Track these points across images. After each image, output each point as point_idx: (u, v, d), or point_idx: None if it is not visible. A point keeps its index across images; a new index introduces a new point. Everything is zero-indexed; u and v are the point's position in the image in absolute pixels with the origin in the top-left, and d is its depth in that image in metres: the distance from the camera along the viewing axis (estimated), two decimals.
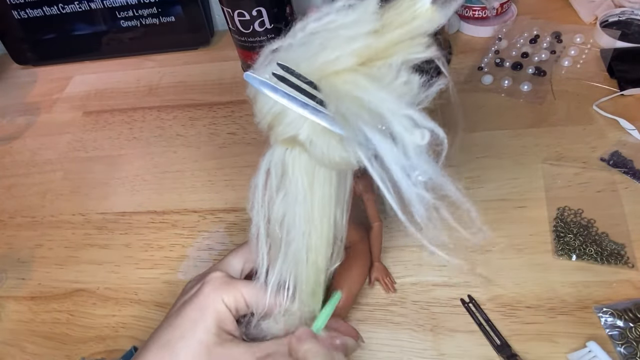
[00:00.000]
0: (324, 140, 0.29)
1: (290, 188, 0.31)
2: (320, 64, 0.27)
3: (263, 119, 0.30)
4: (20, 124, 0.75)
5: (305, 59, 0.28)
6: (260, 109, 0.30)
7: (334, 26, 0.27)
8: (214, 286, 0.34)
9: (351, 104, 0.26)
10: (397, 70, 0.27)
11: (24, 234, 0.59)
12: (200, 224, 0.56)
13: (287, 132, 0.29)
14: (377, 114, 0.25)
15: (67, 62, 0.85)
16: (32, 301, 0.52)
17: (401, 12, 0.27)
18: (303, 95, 0.28)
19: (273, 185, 0.32)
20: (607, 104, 0.57)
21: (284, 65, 0.28)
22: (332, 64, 0.27)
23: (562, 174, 0.51)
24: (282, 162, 0.31)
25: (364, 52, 0.27)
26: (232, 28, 0.67)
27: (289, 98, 0.28)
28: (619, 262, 0.44)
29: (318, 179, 0.31)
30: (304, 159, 0.30)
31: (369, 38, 0.26)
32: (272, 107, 0.29)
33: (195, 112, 0.70)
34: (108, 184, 0.63)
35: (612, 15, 0.67)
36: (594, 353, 0.38)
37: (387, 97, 0.25)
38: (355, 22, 0.27)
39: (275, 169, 0.31)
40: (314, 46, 0.27)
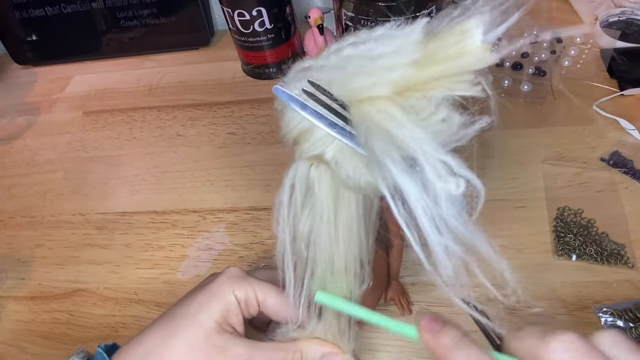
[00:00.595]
0: (350, 162, 0.28)
1: (315, 205, 0.30)
2: (353, 88, 0.26)
3: (289, 134, 0.29)
4: (20, 124, 0.75)
5: (338, 80, 0.26)
6: (287, 124, 0.29)
7: (372, 54, 0.25)
8: (228, 276, 0.34)
9: (381, 137, 0.24)
10: (437, 105, 0.25)
11: (24, 234, 0.59)
12: (200, 224, 0.56)
13: (313, 150, 0.28)
14: (408, 153, 0.23)
15: (67, 62, 0.85)
16: (32, 301, 0.52)
17: (448, 45, 0.24)
18: (332, 114, 0.27)
19: (298, 201, 0.31)
20: (607, 104, 0.57)
21: (315, 83, 0.27)
22: (367, 89, 0.25)
23: (562, 174, 0.51)
24: (307, 177, 0.30)
25: (401, 83, 0.25)
26: (232, 28, 0.67)
27: (317, 116, 0.27)
28: (619, 262, 0.44)
29: (343, 199, 0.30)
30: (329, 177, 0.29)
31: (409, 69, 0.24)
32: (300, 123, 0.28)
33: (195, 112, 0.70)
34: (108, 184, 0.63)
35: (612, 15, 0.67)
36: None
37: (423, 136, 0.23)
38: (395, 52, 0.25)
39: (300, 185, 0.30)
40: (349, 70, 0.26)
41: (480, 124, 0.25)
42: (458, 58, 0.24)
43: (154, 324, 0.33)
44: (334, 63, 0.27)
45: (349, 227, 0.31)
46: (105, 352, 0.33)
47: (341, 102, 0.27)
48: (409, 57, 0.24)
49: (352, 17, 0.59)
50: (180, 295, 0.36)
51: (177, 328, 0.32)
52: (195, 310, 0.33)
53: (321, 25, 0.69)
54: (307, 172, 0.30)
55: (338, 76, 0.26)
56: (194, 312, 0.33)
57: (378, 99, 0.25)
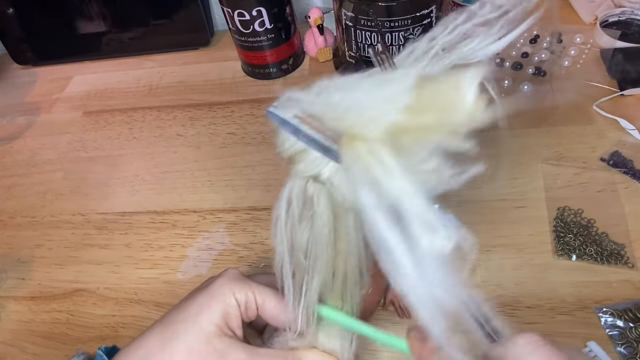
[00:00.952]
0: (346, 183, 0.27)
1: (315, 219, 0.30)
2: (345, 125, 0.25)
3: (284, 152, 0.29)
4: (20, 124, 0.75)
5: (330, 116, 0.26)
6: (282, 143, 0.28)
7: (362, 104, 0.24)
8: (228, 278, 0.34)
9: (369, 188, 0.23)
10: (429, 152, 0.24)
11: (24, 234, 0.59)
12: (200, 224, 0.56)
13: (308, 171, 0.28)
14: (394, 206, 0.22)
15: (67, 62, 0.85)
16: (32, 301, 0.52)
17: (441, 94, 0.24)
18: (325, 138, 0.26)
19: (295, 214, 0.30)
20: (607, 104, 0.57)
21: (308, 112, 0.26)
22: (359, 127, 0.24)
23: (562, 174, 0.51)
24: (304, 192, 0.30)
25: (395, 126, 0.24)
26: (232, 28, 0.67)
27: (309, 141, 0.26)
28: (619, 262, 0.44)
29: (341, 213, 0.30)
30: (327, 193, 0.29)
31: (402, 115, 0.23)
32: (295, 144, 0.28)
33: (195, 112, 0.70)
34: (108, 184, 0.63)
35: (612, 15, 0.67)
36: (594, 353, 0.38)
37: (411, 189, 0.22)
38: (387, 101, 0.24)
39: (297, 199, 0.30)
40: (340, 109, 0.25)
41: (472, 172, 0.24)
42: (450, 112, 0.23)
43: (154, 326, 0.33)
44: (324, 102, 0.26)
45: (347, 240, 0.30)
46: (106, 355, 0.33)
47: (333, 133, 0.26)
48: (401, 104, 0.23)
49: (352, 17, 0.59)
50: (181, 296, 0.36)
51: (177, 331, 0.32)
52: (195, 313, 0.32)
53: (321, 25, 0.69)
54: (304, 187, 0.29)
55: (329, 113, 0.26)
56: (194, 314, 0.32)
57: (370, 138, 0.24)
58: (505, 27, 0.25)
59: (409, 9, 0.56)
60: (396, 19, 0.56)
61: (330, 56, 0.72)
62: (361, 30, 0.59)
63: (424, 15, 0.57)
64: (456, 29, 0.27)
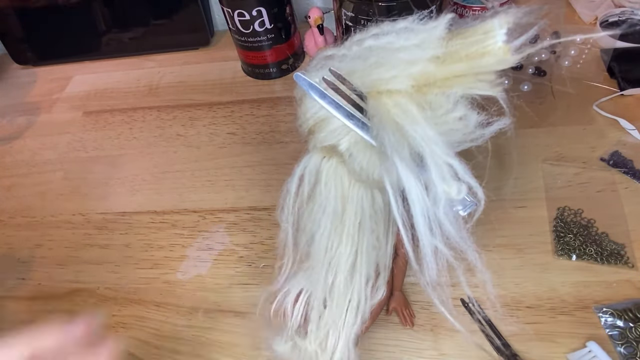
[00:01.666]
0: (364, 154, 0.27)
1: (321, 198, 0.29)
2: (373, 80, 0.25)
3: (305, 122, 0.29)
4: (20, 124, 0.75)
5: (359, 71, 0.26)
6: (304, 112, 0.29)
7: (394, 47, 0.25)
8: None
9: (393, 133, 0.24)
10: (455, 103, 0.25)
11: (24, 234, 0.59)
12: (200, 224, 0.56)
13: (328, 140, 0.28)
14: (417, 152, 0.23)
15: (67, 62, 0.85)
16: (32, 301, 0.52)
17: (470, 44, 0.24)
18: (351, 105, 0.27)
19: (305, 192, 0.30)
20: (607, 104, 0.57)
21: (336, 72, 0.27)
22: (386, 82, 0.25)
23: (562, 174, 0.51)
24: (317, 170, 0.30)
25: (421, 78, 0.24)
26: (232, 28, 0.67)
27: (335, 105, 0.27)
28: (619, 262, 0.44)
29: (352, 195, 0.29)
30: (340, 171, 0.29)
31: (430, 64, 0.24)
32: (317, 112, 0.28)
33: (195, 112, 0.70)
34: (108, 184, 0.63)
35: (612, 15, 0.67)
36: (594, 353, 0.38)
37: (434, 136, 0.23)
38: (417, 46, 0.24)
39: (309, 176, 0.30)
40: (370, 61, 0.26)
41: (498, 125, 0.25)
42: (479, 57, 0.24)
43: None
44: (356, 53, 0.27)
45: (356, 224, 0.30)
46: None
47: (360, 93, 0.27)
48: (430, 52, 0.24)
49: (352, 17, 0.59)
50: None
51: None
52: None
53: (321, 25, 0.69)
54: (318, 164, 0.29)
55: (359, 66, 0.26)
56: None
57: (396, 93, 0.25)
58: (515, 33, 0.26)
59: (409, 9, 0.56)
60: (396, 19, 0.56)
61: None
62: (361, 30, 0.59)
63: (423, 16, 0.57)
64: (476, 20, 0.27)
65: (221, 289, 0.49)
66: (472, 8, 0.70)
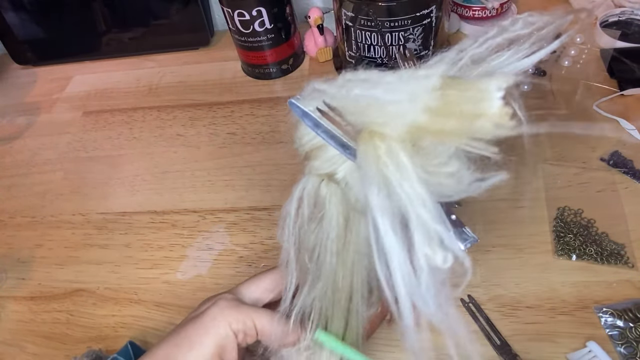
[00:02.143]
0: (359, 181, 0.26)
1: (324, 221, 0.29)
2: (365, 121, 0.24)
3: (301, 147, 0.29)
4: (20, 124, 0.75)
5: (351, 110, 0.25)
6: (300, 137, 0.28)
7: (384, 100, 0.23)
8: (221, 308, 0.32)
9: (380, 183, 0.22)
10: (449, 156, 0.23)
11: (24, 234, 0.59)
12: (200, 224, 0.56)
13: (324, 169, 0.28)
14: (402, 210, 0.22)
15: (67, 62, 0.85)
16: (32, 301, 0.52)
17: (465, 100, 0.22)
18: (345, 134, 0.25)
19: (305, 214, 0.30)
20: (607, 104, 0.57)
21: (330, 105, 0.26)
22: (379, 125, 0.23)
23: (562, 174, 0.51)
24: (316, 192, 0.29)
25: (414, 127, 0.23)
26: (232, 28, 0.67)
27: (329, 135, 0.26)
28: (619, 262, 0.44)
29: (354, 218, 0.29)
30: (340, 195, 0.28)
31: (422, 115, 0.22)
32: (313, 139, 0.27)
33: (195, 112, 0.70)
34: (108, 184, 0.63)
35: (612, 15, 0.67)
36: (593, 353, 0.38)
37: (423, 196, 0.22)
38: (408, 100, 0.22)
39: (308, 199, 0.29)
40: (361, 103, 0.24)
41: (494, 180, 0.23)
42: (474, 118, 0.22)
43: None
44: (346, 95, 0.25)
45: (357, 248, 0.29)
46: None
47: (351, 129, 0.25)
48: (421, 104, 0.22)
49: (352, 17, 0.59)
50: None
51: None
52: (186, 349, 0.30)
53: (321, 25, 0.69)
54: (317, 186, 0.29)
55: (351, 107, 0.25)
56: (185, 351, 0.30)
57: (389, 138, 0.23)
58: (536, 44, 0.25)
59: (409, 9, 0.56)
60: (396, 19, 0.56)
61: (330, 56, 0.72)
62: (361, 30, 0.59)
63: (424, 15, 0.57)
64: (486, 42, 0.26)
65: (221, 289, 0.49)
66: (472, 8, 0.70)
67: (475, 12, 0.70)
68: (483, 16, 0.70)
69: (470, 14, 0.70)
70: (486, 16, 0.70)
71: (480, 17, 0.70)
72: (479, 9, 0.69)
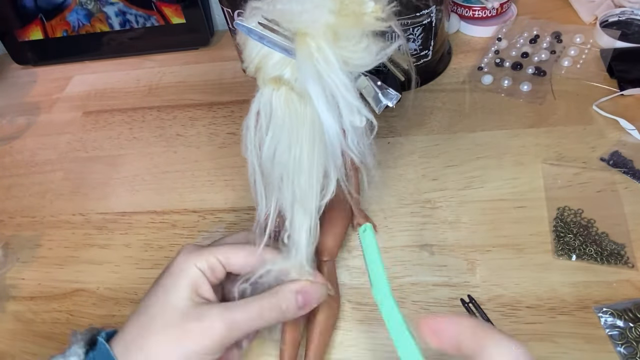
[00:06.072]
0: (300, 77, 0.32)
1: (277, 124, 0.34)
2: (296, 25, 0.31)
3: (251, 62, 0.34)
4: (20, 124, 0.75)
5: (284, 19, 0.32)
6: (249, 54, 0.34)
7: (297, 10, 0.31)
8: (184, 254, 0.35)
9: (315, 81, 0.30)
10: (360, 36, 0.32)
11: (24, 234, 0.59)
12: (200, 224, 0.56)
13: (273, 72, 0.33)
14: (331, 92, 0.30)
15: (67, 62, 0.85)
16: (32, 301, 0.52)
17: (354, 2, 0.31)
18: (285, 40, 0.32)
19: (263, 125, 0.34)
20: (607, 104, 0.57)
21: (267, 19, 0.32)
22: (306, 29, 0.30)
23: (562, 174, 0.51)
24: (270, 102, 0.34)
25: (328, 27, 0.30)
26: (232, 28, 0.67)
27: (273, 43, 0.32)
28: (619, 262, 0.44)
29: (306, 113, 0.33)
30: (290, 96, 0.33)
31: (330, 17, 0.30)
32: (260, 51, 0.33)
33: (195, 112, 0.70)
34: (108, 184, 0.63)
35: (612, 15, 0.67)
36: None
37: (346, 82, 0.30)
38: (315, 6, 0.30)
39: (264, 110, 0.34)
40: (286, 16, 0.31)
41: (393, 46, 0.33)
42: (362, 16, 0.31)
43: (129, 318, 0.34)
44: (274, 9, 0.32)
45: (312, 141, 0.33)
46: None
47: (289, 34, 0.32)
48: (326, 9, 0.30)
49: None
50: None
51: (152, 316, 0.33)
52: (163, 294, 0.33)
53: None
54: (270, 96, 0.34)
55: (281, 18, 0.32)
56: (163, 295, 0.33)
57: (317, 37, 0.30)
58: None
59: (409, 9, 0.56)
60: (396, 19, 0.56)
61: None
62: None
63: (424, 15, 0.57)
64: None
65: None
66: (472, 8, 0.70)
67: (476, 12, 0.70)
68: (483, 16, 0.70)
69: (471, 14, 0.70)
70: (486, 16, 0.70)
71: (481, 17, 0.70)
72: (479, 9, 0.69)
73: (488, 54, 0.66)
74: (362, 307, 0.45)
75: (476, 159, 0.55)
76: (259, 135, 0.35)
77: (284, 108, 0.33)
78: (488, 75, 0.62)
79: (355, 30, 0.32)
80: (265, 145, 0.34)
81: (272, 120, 0.34)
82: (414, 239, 0.49)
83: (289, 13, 0.31)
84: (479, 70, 0.65)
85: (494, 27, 0.70)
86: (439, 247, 0.48)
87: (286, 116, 0.33)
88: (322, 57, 0.30)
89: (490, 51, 0.67)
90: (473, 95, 0.62)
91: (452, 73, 0.66)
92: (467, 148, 0.56)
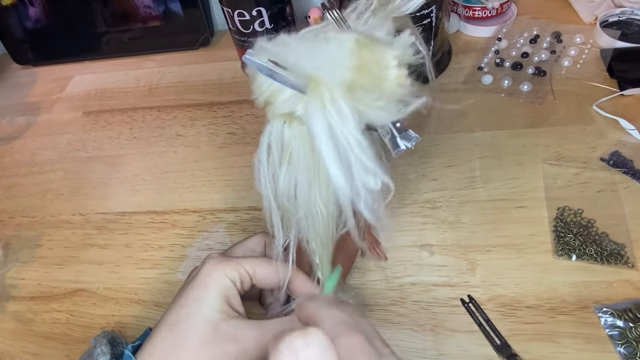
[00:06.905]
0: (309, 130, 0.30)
1: (292, 159, 0.32)
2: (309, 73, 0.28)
3: (261, 96, 0.32)
4: (20, 124, 0.75)
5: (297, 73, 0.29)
6: (258, 87, 0.31)
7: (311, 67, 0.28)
8: (213, 264, 0.34)
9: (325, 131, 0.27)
10: (379, 93, 0.29)
11: (24, 234, 0.59)
12: (200, 224, 0.56)
13: (284, 108, 0.31)
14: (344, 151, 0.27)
15: (67, 62, 0.85)
16: (32, 301, 0.52)
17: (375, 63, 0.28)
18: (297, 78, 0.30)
19: (275, 159, 0.33)
20: (607, 104, 0.57)
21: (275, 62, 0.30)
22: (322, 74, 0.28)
23: (562, 174, 0.51)
24: (281, 136, 0.32)
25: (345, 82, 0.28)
26: (232, 28, 0.67)
27: (284, 82, 0.30)
28: (619, 262, 0.44)
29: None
30: (304, 131, 0.31)
31: (348, 73, 0.28)
32: (270, 85, 0.31)
33: (195, 112, 0.70)
34: (108, 184, 0.63)
35: (612, 15, 0.67)
36: None
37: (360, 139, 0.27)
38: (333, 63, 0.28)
39: (275, 144, 0.33)
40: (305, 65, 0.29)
41: (415, 106, 0.29)
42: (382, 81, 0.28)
43: (159, 329, 0.33)
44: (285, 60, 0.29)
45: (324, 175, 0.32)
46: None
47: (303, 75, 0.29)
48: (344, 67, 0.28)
49: None
50: None
51: (185, 329, 0.32)
52: (196, 307, 0.33)
53: None
54: (281, 130, 0.32)
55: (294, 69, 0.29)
56: (196, 308, 0.33)
57: (333, 86, 0.28)
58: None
59: None
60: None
61: None
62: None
63: (424, 15, 0.57)
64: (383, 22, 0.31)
65: None
66: (472, 8, 0.70)
67: (476, 12, 0.70)
68: (483, 16, 0.70)
69: (471, 14, 0.70)
70: (486, 16, 0.70)
71: (481, 17, 0.70)
72: (479, 9, 0.69)
73: (488, 54, 0.66)
74: (361, 307, 0.45)
75: (476, 159, 0.55)
76: (271, 168, 0.33)
77: (299, 144, 0.32)
78: (488, 75, 0.62)
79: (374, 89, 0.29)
80: (280, 180, 0.33)
81: (284, 155, 0.32)
82: (413, 239, 0.49)
83: (302, 68, 0.28)
84: (479, 70, 0.65)
85: (494, 27, 0.70)
86: (439, 247, 0.48)
87: (301, 153, 0.32)
88: (336, 110, 0.27)
89: (490, 51, 0.67)
90: (473, 95, 0.62)
91: (452, 73, 0.66)
92: (467, 148, 0.56)
